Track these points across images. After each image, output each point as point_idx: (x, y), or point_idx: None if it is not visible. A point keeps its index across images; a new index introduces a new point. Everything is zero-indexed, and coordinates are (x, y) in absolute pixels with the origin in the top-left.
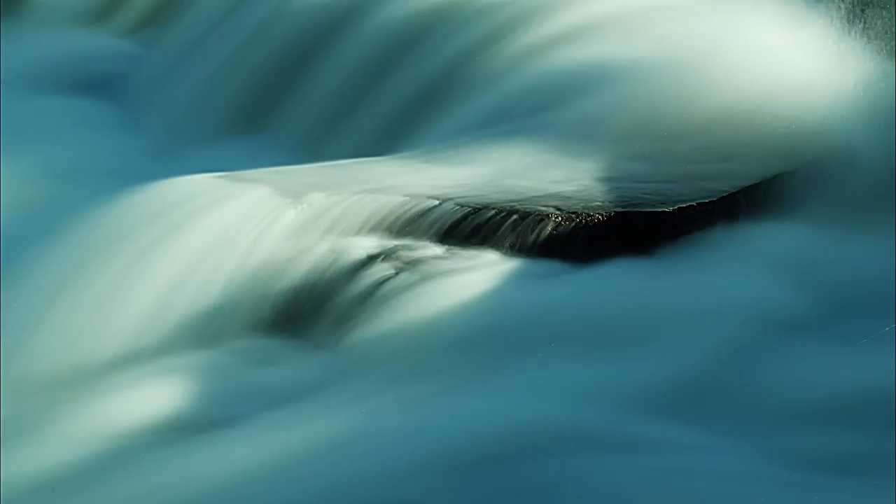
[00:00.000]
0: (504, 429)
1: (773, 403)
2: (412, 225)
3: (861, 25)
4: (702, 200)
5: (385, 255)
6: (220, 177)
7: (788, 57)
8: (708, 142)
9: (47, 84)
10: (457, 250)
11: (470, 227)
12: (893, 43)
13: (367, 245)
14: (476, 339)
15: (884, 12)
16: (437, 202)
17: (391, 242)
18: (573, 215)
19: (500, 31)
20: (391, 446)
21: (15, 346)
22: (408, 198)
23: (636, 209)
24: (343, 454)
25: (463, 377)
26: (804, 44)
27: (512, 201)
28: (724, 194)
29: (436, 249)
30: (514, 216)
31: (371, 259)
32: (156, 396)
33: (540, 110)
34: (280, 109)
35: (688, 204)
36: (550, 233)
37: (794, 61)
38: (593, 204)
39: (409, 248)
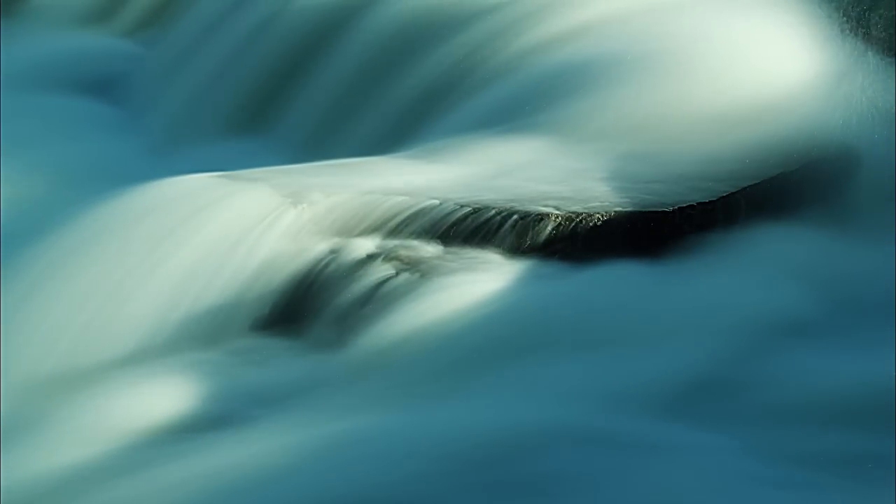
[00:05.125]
0: (504, 429)
1: (773, 403)
2: (412, 225)
3: (861, 25)
4: (702, 200)
5: (385, 255)
6: (220, 176)
7: (789, 56)
8: (708, 142)
9: (47, 84)
10: (457, 250)
11: (470, 227)
12: (893, 43)
13: (367, 245)
14: (476, 339)
15: (884, 11)
16: (437, 202)
17: (391, 242)
18: (573, 215)
19: (500, 31)
20: (391, 446)
21: (14, 345)
22: (408, 198)
23: (636, 209)
24: (343, 454)
25: (463, 377)
26: (805, 43)
27: (512, 201)
28: (724, 194)
29: (436, 249)
30: (514, 216)
31: (371, 259)
32: (155, 396)
33: (540, 110)
34: (280, 109)
35: (688, 204)
36: (550, 233)
37: (795, 61)
38: (593, 204)
39: (409, 248)
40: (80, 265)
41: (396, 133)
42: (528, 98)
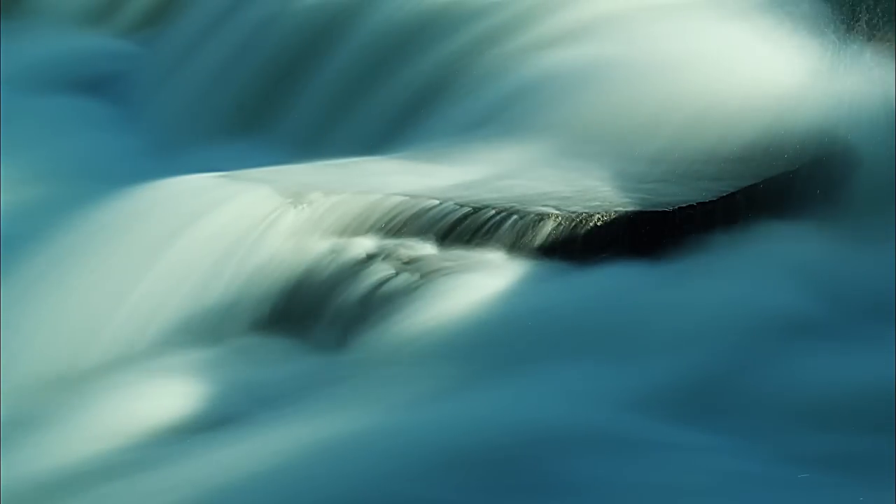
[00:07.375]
0: (504, 428)
1: (773, 403)
2: (412, 225)
3: (860, 24)
4: (702, 200)
5: (385, 255)
6: (220, 176)
7: (788, 56)
8: (707, 142)
9: (47, 84)
10: (457, 250)
11: (470, 227)
12: (893, 42)
13: (367, 245)
14: (475, 339)
15: (884, 11)
16: (436, 202)
17: (391, 242)
18: (573, 215)
19: (499, 31)
20: (391, 446)
21: (14, 345)
22: (408, 198)
23: (636, 209)
24: (343, 454)
25: (462, 377)
26: (804, 43)
27: (512, 201)
28: (724, 194)
29: (436, 249)
30: (514, 216)
31: (371, 259)
32: (155, 396)
33: (539, 110)
34: (280, 109)
35: (688, 204)
36: (550, 233)
37: (794, 61)
38: (593, 204)
39: (409, 248)
40: (79, 265)
41: (396, 133)
42: (528, 98)
